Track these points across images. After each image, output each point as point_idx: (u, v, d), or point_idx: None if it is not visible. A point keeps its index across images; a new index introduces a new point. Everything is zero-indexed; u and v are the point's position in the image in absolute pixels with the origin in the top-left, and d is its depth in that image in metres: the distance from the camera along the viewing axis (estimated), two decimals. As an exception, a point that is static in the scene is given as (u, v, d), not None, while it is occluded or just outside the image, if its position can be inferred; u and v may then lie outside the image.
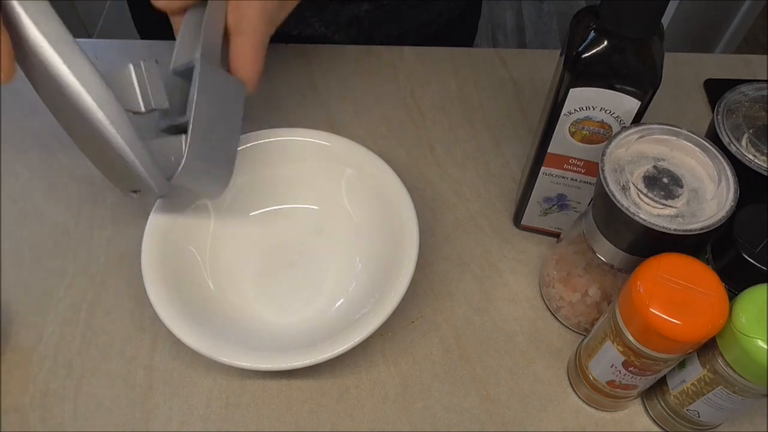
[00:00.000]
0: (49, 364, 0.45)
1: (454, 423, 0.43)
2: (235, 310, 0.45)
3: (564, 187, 0.47)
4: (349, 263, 0.48)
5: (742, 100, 0.41)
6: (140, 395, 0.44)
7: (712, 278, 0.34)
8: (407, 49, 0.63)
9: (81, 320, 0.47)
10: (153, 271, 0.43)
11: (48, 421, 0.42)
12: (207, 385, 0.44)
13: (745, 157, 0.38)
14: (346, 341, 0.40)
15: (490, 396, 0.44)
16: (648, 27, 0.35)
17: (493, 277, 0.50)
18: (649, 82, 0.37)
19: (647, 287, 0.34)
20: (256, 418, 0.43)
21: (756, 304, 0.33)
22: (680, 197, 0.35)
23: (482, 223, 0.53)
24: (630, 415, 0.44)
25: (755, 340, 0.32)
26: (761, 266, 0.34)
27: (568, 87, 0.39)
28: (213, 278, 0.46)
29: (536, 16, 1.93)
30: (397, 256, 0.44)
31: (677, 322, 0.33)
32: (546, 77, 0.61)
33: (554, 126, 0.42)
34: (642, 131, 0.37)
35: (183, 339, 0.40)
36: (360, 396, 0.44)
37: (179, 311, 0.41)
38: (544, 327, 0.48)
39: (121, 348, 0.46)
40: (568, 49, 0.38)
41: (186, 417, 0.43)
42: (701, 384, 0.37)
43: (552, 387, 0.45)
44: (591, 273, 0.43)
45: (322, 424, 0.43)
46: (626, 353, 0.37)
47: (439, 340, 0.47)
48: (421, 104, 0.60)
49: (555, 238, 0.52)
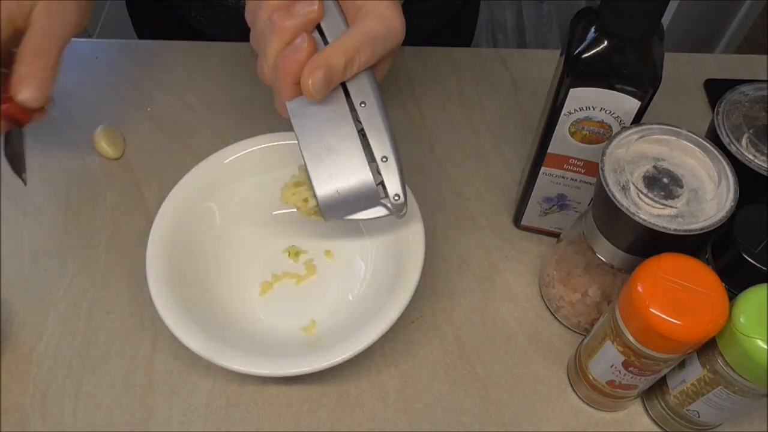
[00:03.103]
0: (49, 364, 0.45)
1: (454, 423, 0.43)
2: (238, 314, 0.45)
3: (564, 187, 0.47)
4: (355, 269, 0.48)
5: (742, 100, 0.40)
6: (140, 395, 0.44)
7: (712, 278, 0.34)
8: (407, 49, 0.63)
9: (81, 320, 0.47)
10: (157, 273, 0.43)
11: (48, 421, 0.42)
12: (207, 385, 0.44)
13: (745, 157, 0.38)
14: (347, 349, 0.40)
15: (490, 396, 0.44)
16: (648, 27, 0.35)
17: (493, 277, 0.50)
18: (649, 82, 0.37)
19: (647, 287, 0.34)
20: (256, 418, 0.43)
21: (756, 304, 0.33)
22: (680, 197, 0.35)
23: (482, 223, 0.53)
24: (630, 415, 0.44)
25: (755, 340, 0.32)
26: (761, 266, 0.34)
27: (568, 87, 0.38)
28: (217, 282, 0.46)
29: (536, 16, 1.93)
30: (402, 264, 0.44)
31: (677, 322, 0.33)
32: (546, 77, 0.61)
33: (554, 126, 0.42)
34: (642, 131, 0.37)
35: (183, 340, 0.40)
36: (360, 396, 0.44)
37: (181, 312, 0.41)
38: (544, 327, 0.47)
39: (121, 348, 0.46)
40: (568, 49, 0.38)
41: (186, 417, 0.43)
42: (701, 384, 0.37)
43: (552, 387, 0.45)
44: (591, 273, 0.43)
45: (322, 424, 0.43)
46: (626, 353, 0.37)
47: (439, 340, 0.47)
48: (421, 104, 0.60)
49: (555, 238, 0.52)
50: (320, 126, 0.38)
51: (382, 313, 0.41)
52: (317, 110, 0.38)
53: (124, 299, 0.48)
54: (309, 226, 0.50)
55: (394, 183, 0.38)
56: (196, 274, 0.45)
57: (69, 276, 0.49)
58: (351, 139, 0.38)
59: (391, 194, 0.39)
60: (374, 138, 0.38)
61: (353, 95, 0.39)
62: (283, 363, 0.40)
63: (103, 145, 0.54)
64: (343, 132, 0.38)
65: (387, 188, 0.38)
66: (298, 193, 0.44)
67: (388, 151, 0.38)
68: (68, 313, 0.47)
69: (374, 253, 0.48)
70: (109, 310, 0.47)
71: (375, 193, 0.38)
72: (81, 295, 0.48)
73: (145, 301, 0.47)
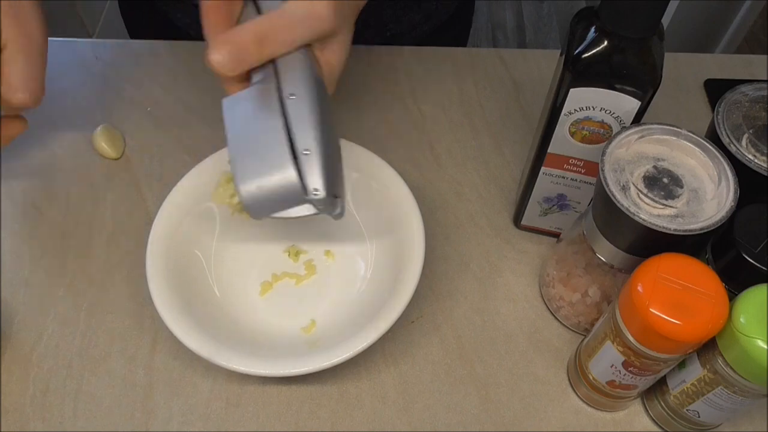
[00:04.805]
0: (49, 364, 0.45)
1: (454, 423, 0.43)
2: (238, 314, 0.45)
3: (564, 187, 0.47)
4: (355, 269, 0.48)
5: (742, 100, 0.40)
6: (140, 395, 0.44)
7: (712, 278, 0.34)
8: (407, 49, 0.63)
9: (81, 320, 0.47)
10: (157, 273, 0.43)
11: (48, 421, 0.42)
12: (207, 385, 0.44)
13: (745, 157, 0.38)
14: (347, 349, 0.40)
15: (490, 396, 0.44)
16: (648, 27, 0.35)
17: (493, 277, 0.50)
18: (649, 82, 0.37)
19: (647, 287, 0.34)
20: (256, 418, 0.43)
21: (756, 304, 0.33)
22: (680, 197, 0.35)
23: (482, 223, 0.53)
24: (630, 415, 0.44)
25: (755, 340, 0.32)
26: (761, 266, 0.34)
27: (568, 87, 0.38)
28: (217, 281, 0.46)
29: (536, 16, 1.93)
30: (402, 264, 0.44)
31: (677, 322, 0.33)
32: (546, 77, 0.61)
33: (554, 126, 0.42)
34: (642, 131, 0.37)
35: (183, 340, 0.40)
36: (360, 396, 0.44)
37: (181, 312, 0.41)
38: (544, 327, 0.47)
39: (121, 348, 0.46)
40: (568, 49, 0.38)
41: (186, 417, 0.43)
42: (701, 384, 0.37)
43: (552, 387, 0.45)
44: (591, 273, 0.43)
45: (321, 424, 0.43)
46: (626, 353, 0.37)
47: (439, 340, 0.47)
48: (421, 104, 0.60)
49: (555, 238, 0.52)
50: (248, 120, 0.37)
51: (382, 313, 0.41)
52: (247, 105, 0.37)
53: (124, 299, 0.48)
54: (309, 226, 0.50)
55: (314, 176, 0.36)
56: (196, 274, 0.45)
57: (69, 276, 0.49)
58: (275, 132, 0.36)
59: (310, 188, 0.36)
60: (298, 131, 0.36)
61: (283, 87, 0.37)
62: (283, 363, 0.40)
63: (103, 145, 0.54)
64: (268, 126, 0.36)
65: (306, 182, 0.36)
66: (229, 189, 0.41)
67: (311, 143, 0.36)
68: (68, 313, 0.47)
69: (374, 253, 0.48)
70: (109, 310, 0.47)
71: (298, 189, 0.36)
72: (81, 295, 0.48)
73: (145, 301, 0.47)
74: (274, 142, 0.36)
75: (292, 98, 0.36)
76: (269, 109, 0.37)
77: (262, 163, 0.36)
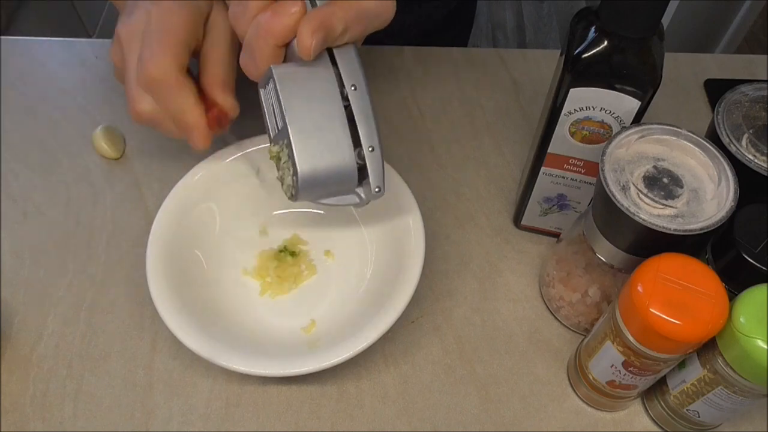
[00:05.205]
0: (49, 364, 0.45)
1: (454, 423, 0.43)
2: (238, 314, 0.45)
3: (564, 187, 0.47)
4: (355, 269, 0.48)
5: (742, 100, 0.41)
6: (140, 395, 0.44)
7: (712, 278, 0.34)
8: (407, 49, 0.63)
9: (81, 320, 0.47)
10: (157, 273, 0.43)
11: (48, 421, 0.42)
12: (207, 385, 0.44)
13: (745, 157, 0.38)
14: (347, 349, 0.40)
15: (490, 396, 0.44)
16: (648, 27, 0.35)
17: (493, 277, 0.50)
18: (649, 82, 0.37)
19: (647, 287, 0.34)
20: (256, 418, 0.43)
21: (756, 304, 0.33)
22: (680, 197, 0.35)
23: (482, 223, 0.53)
24: (630, 415, 0.44)
25: (755, 340, 0.32)
26: (761, 266, 0.34)
27: (568, 87, 0.38)
28: (217, 281, 0.46)
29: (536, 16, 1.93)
30: (402, 264, 0.44)
31: (677, 322, 0.33)
32: (546, 77, 0.61)
33: (554, 126, 0.42)
34: (642, 131, 0.37)
35: (183, 340, 0.40)
36: (360, 396, 0.44)
37: (181, 312, 0.41)
38: (544, 327, 0.47)
39: (121, 348, 0.46)
40: (568, 49, 0.38)
41: (186, 417, 0.43)
42: (701, 384, 0.37)
43: (552, 387, 0.45)
44: (591, 273, 0.43)
45: (322, 424, 0.43)
46: (626, 353, 0.37)
47: (439, 340, 0.47)
48: (421, 104, 0.60)
49: (555, 238, 0.52)
50: (310, 100, 0.36)
51: (382, 313, 0.41)
52: (306, 83, 0.37)
53: (124, 299, 0.48)
54: (309, 225, 0.50)
55: (378, 175, 0.37)
56: (196, 274, 0.45)
57: (69, 276, 0.49)
58: (339, 119, 0.36)
59: (372, 186, 0.37)
60: (363, 125, 0.37)
61: (345, 76, 0.37)
62: (283, 363, 0.40)
63: (103, 145, 0.54)
64: (331, 110, 0.36)
65: (370, 179, 0.37)
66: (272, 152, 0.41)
67: (375, 141, 0.37)
68: (68, 313, 0.47)
69: (374, 253, 0.48)
70: (109, 310, 0.47)
71: (353, 180, 0.37)
72: (81, 295, 0.48)
73: (145, 301, 0.47)
74: (339, 130, 0.36)
75: (353, 89, 0.37)
76: (332, 96, 0.37)
77: (326, 149, 0.36)
